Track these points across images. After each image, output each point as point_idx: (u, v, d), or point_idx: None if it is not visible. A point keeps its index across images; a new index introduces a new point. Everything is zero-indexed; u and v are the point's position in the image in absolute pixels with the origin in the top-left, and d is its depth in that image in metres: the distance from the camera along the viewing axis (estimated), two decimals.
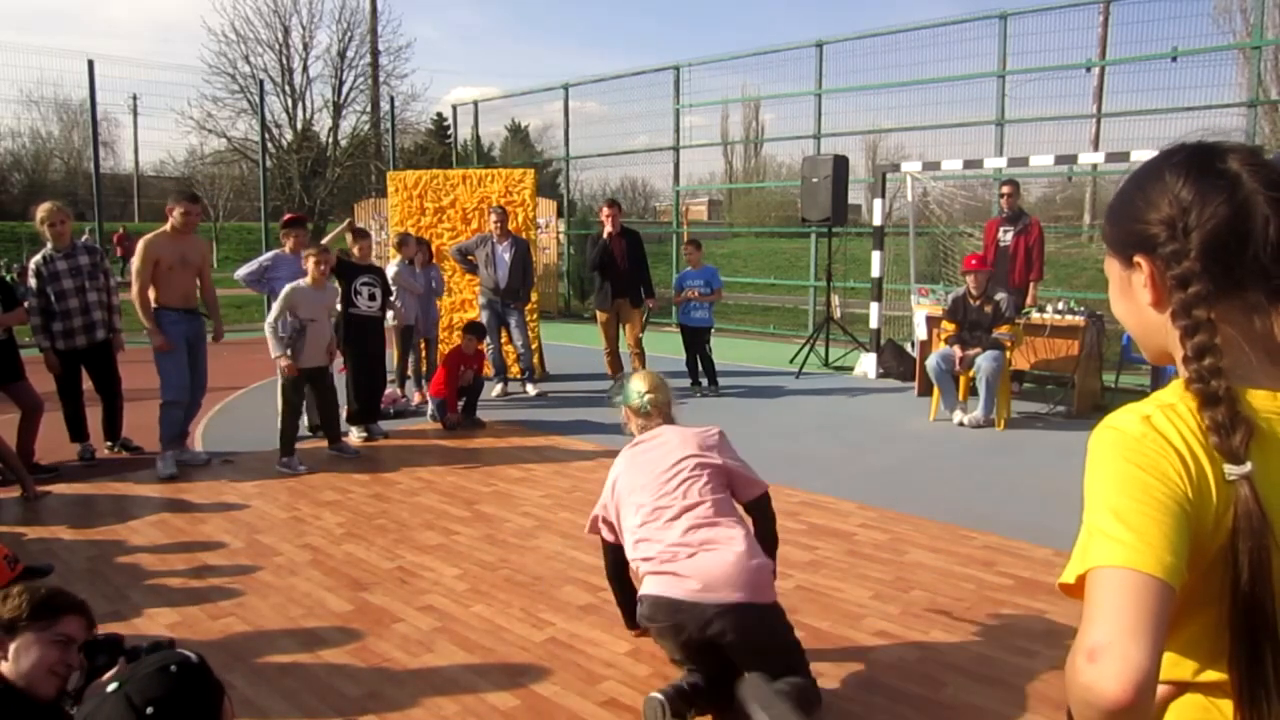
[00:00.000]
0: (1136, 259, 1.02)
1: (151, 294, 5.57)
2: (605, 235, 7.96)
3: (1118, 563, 0.86)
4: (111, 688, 1.39)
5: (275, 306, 5.73)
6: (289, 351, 5.67)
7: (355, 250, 6.78)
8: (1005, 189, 8.24)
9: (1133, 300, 1.05)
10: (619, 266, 7.90)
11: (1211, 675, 0.97)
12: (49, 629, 2.01)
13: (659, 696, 2.57)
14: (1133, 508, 0.89)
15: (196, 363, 5.79)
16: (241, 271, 6.47)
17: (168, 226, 5.65)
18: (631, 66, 17.82)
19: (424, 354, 7.93)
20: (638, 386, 3.28)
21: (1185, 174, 0.98)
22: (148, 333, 5.55)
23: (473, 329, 7.32)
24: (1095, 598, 0.87)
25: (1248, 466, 0.91)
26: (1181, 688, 0.99)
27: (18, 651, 1.98)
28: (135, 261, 5.58)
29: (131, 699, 1.36)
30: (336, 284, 6.27)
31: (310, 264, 5.75)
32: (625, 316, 8.08)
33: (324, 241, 6.40)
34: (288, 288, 5.74)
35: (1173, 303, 0.98)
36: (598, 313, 8.19)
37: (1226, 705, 0.96)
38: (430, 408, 7.11)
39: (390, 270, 7.27)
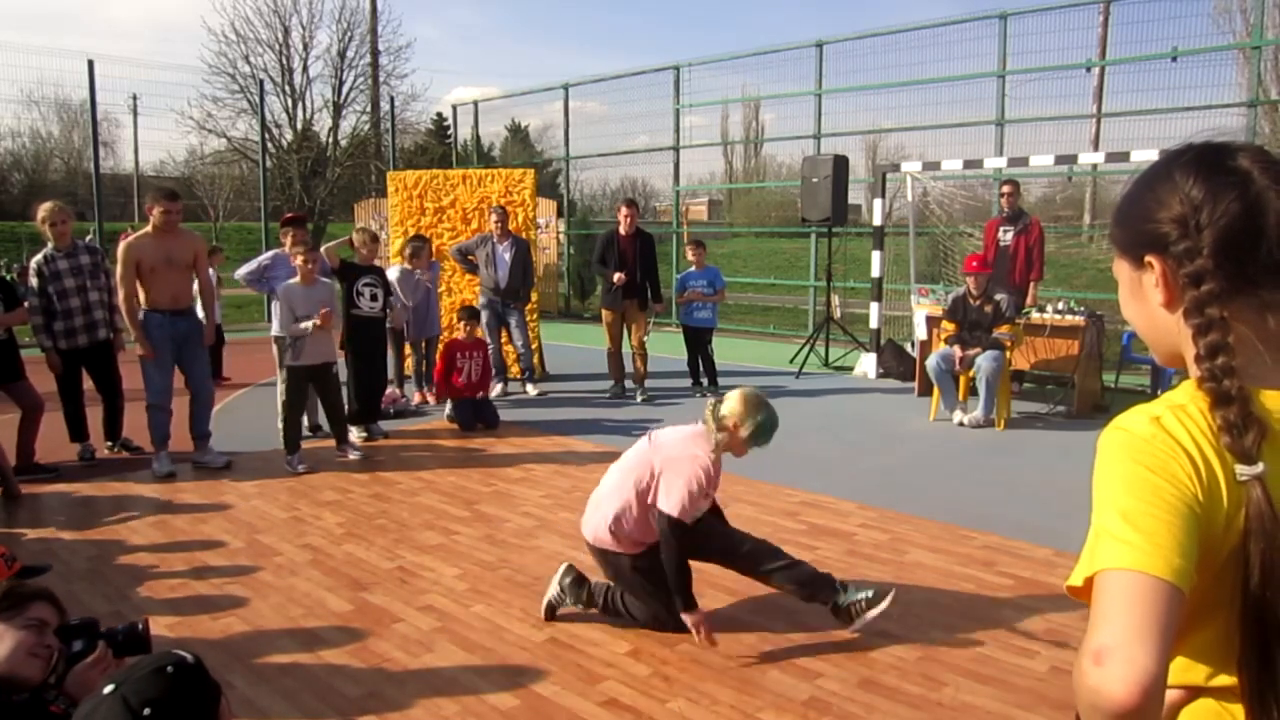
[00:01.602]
0: (1148, 259, 1.01)
1: (140, 295, 5.53)
2: (619, 233, 7.91)
3: (1125, 565, 0.85)
4: (107, 689, 1.38)
5: (279, 311, 5.75)
6: (298, 341, 5.71)
7: (360, 251, 6.78)
8: (1005, 189, 8.24)
9: (1144, 301, 1.04)
10: (629, 267, 7.86)
11: (1224, 680, 0.96)
12: (19, 615, 2.01)
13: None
14: (1142, 510, 0.88)
15: (193, 360, 5.75)
16: (241, 271, 6.46)
17: (149, 226, 5.60)
18: (631, 66, 17.83)
19: (424, 354, 7.93)
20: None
21: (1195, 172, 0.97)
22: (134, 338, 5.54)
23: (463, 313, 7.31)
24: (1103, 600, 0.86)
25: (1260, 467, 0.90)
26: (1194, 692, 0.98)
27: None
28: (117, 266, 5.50)
29: (128, 700, 1.35)
30: (334, 282, 6.27)
31: (297, 261, 5.77)
32: (631, 317, 8.07)
33: (328, 247, 6.38)
34: (280, 289, 5.76)
35: (1185, 301, 0.97)
36: (604, 311, 8.16)
37: (1239, 710, 0.95)
38: (448, 408, 7.10)
39: (391, 274, 7.28)
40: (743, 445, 3.32)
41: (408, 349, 7.87)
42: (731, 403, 3.32)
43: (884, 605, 3.22)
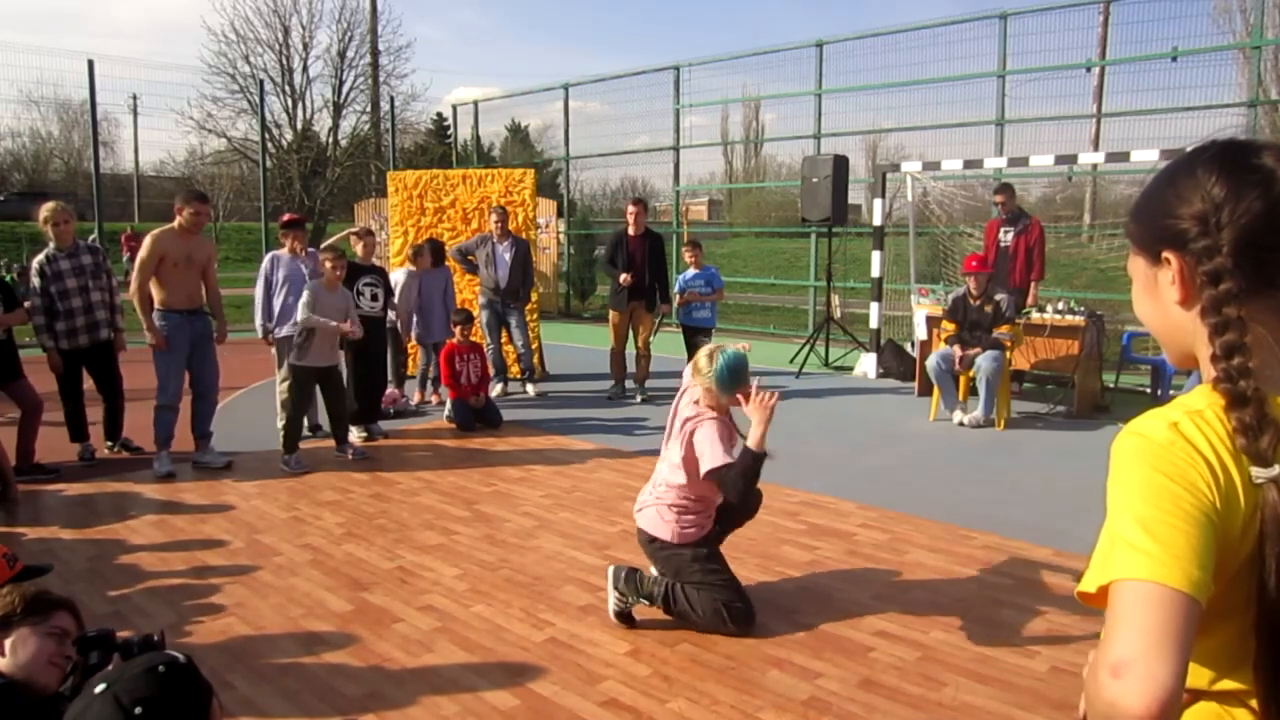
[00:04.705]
0: (1165, 255, 0.99)
1: (157, 295, 5.54)
2: (627, 233, 7.88)
3: (1143, 576, 0.84)
4: (99, 688, 1.38)
5: (305, 305, 5.69)
6: (305, 343, 5.71)
7: (358, 250, 6.78)
8: (998, 198, 8.18)
9: (1158, 299, 1.03)
10: (638, 268, 7.83)
11: (1228, 684, 0.95)
12: (44, 623, 2.03)
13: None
14: (1159, 518, 0.86)
15: (204, 362, 5.74)
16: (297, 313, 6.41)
17: (175, 224, 5.61)
18: (631, 66, 17.82)
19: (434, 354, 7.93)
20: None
21: (1218, 170, 0.96)
22: (145, 329, 5.54)
23: (456, 317, 7.31)
24: (1119, 612, 0.84)
25: (1275, 470, 0.89)
26: (1195, 696, 0.97)
27: (15, 645, 2.01)
28: (141, 254, 5.52)
29: (120, 699, 1.35)
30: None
31: (326, 266, 5.77)
32: (638, 319, 8.05)
33: (328, 243, 6.37)
34: (311, 285, 5.75)
35: (1202, 299, 0.95)
36: (611, 312, 8.14)
37: (1241, 714, 0.94)
38: (447, 408, 7.10)
39: (395, 277, 7.28)
40: (717, 398, 3.43)
41: (408, 349, 7.87)
42: (698, 361, 3.47)
43: None
